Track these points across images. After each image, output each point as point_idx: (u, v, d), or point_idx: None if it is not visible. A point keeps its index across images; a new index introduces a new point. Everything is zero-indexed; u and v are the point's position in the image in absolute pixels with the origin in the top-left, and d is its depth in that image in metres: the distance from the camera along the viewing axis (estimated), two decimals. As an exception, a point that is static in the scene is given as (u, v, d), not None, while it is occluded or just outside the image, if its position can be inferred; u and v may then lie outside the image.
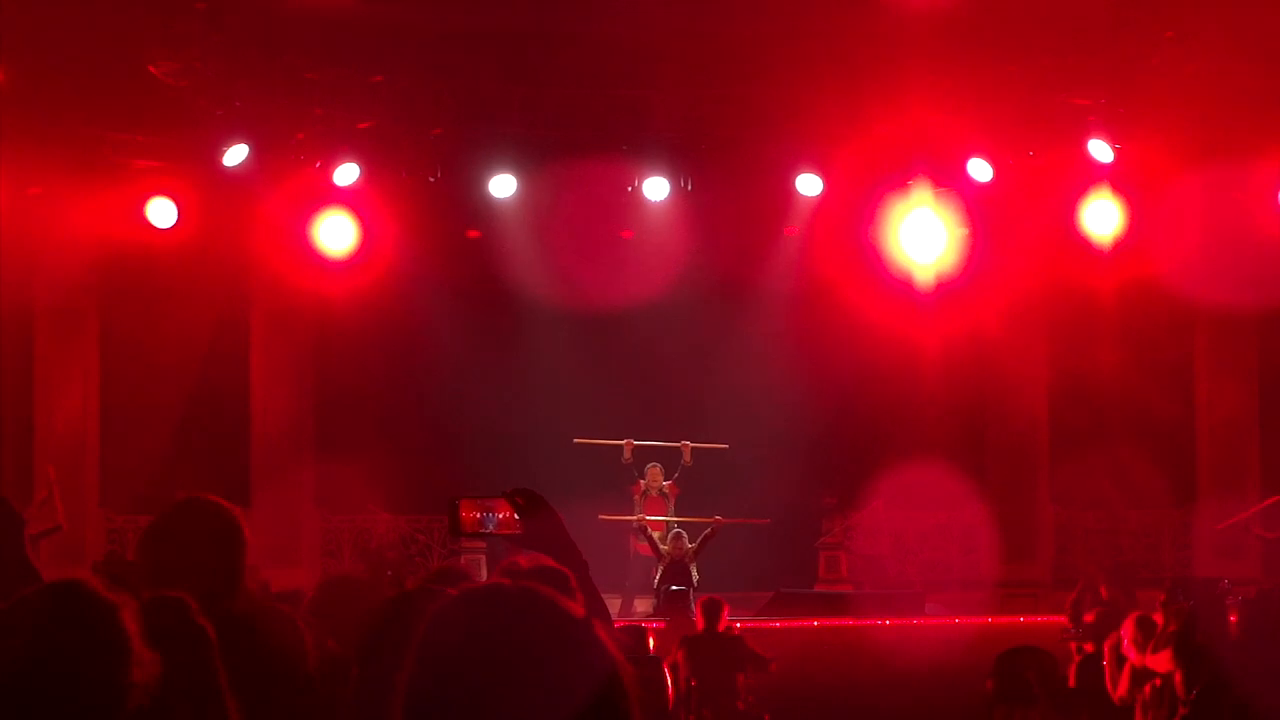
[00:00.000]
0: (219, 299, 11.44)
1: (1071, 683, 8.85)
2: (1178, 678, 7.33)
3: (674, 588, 10.41)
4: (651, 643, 8.32)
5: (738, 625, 9.01)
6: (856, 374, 13.05)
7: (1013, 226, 12.64)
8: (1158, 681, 7.62)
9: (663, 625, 9.78)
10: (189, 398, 11.23)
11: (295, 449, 11.46)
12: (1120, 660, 7.92)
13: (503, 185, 11.60)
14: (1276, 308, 12.18)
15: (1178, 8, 10.59)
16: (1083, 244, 12.29)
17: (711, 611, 8.51)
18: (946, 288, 12.64)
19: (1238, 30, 10.71)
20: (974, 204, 12.40)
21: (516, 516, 2.88)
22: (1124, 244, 12.15)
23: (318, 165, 11.49)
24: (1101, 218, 12.13)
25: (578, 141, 11.55)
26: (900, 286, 12.65)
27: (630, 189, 12.08)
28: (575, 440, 11.01)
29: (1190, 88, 11.13)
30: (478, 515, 2.94)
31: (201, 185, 11.39)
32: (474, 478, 11.01)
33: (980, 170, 11.97)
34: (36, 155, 10.71)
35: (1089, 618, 9.08)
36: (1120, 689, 7.86)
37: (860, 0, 10.49)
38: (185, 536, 3.11)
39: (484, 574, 7.50)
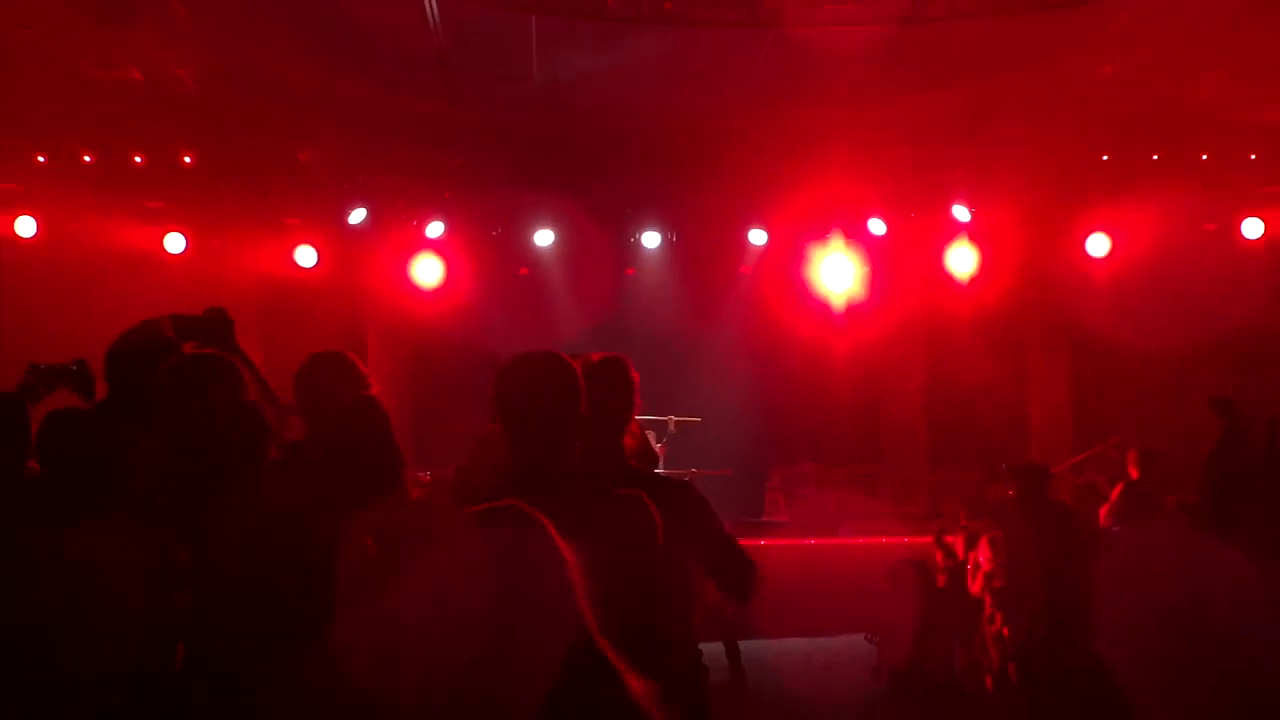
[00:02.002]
0: (345, 322, 12.41)
1: (941, 584, 10.18)
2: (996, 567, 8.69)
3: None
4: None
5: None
6: (792, 371, 14.21)
7: (900, 268, 13.89)
8: (997, 583, 8.76)
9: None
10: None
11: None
12: (977, 568, 9.21)
13: (544, 236, 13.10)
14: (1085, 330, 13.63)
15: (1020, 108, 12.12)
16: (949, 281, 13.67)
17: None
18: (854, 311, 13.89)
19: (1064, 119, 12.32)
20: (873, 251, 13.69)
21: None
22: (978, 280, 13.54)
23: (415, 223, 12.96)
24: (962, 261, 13.55)
25: (597, 207, 13.02)
26: (821, 310, 13.89)
27: (633, 239, 13.52)
28: None
29: (1028, 163, 12.72)
30: None
31: (334, 237, 12.88)
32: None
33: (877, 226, 13.43)
34: (217, 215, 12.46)
35: (951, 539, 10.27)
36: (975, 587, 9.25)
37: (795, 108, 12.02)
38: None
39: None
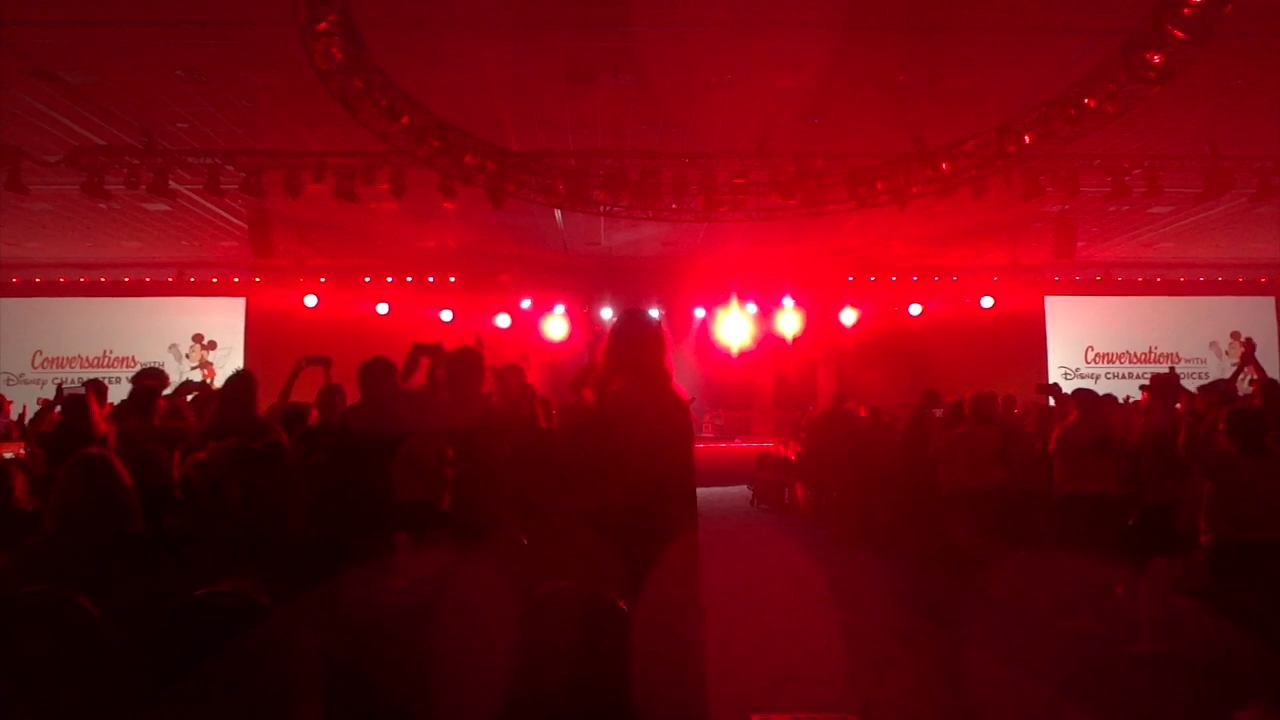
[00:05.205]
0: (519, 352, 17.61)
1: (778, 461, 15.98)
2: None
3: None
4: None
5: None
6: (710, 381, 21.35)
7: (762, 328, 20.81)
8: (805, 462, 14.27)
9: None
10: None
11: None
12: (793, 453, 15.09)
13: (607, 312, 21.12)
14: (842, 352, 20.86)
15: (810, 257, 18.63)
16: (781, 337, 20.88)
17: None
18: (744, 354, 20.40)
19: (831, 261, 19.37)
20: (755, 318, 20.56)
21: None
22: (798, 335, 20.85)
23: (550, 305, 21.74)
24: (789, 324, 20.79)
25: (630, 298, 20.47)
26: (724, 353, 20.40)
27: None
28: None
29: (815, 278, 20.06)
30: None
31: (515, 312, 21.13)
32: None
33: (751, 308, 20.73)
34: (466, 304, 21.41)
35: (780, 443, 16.45)
36: (792, 458, 15.06)
37: (716, 250, 18.52)
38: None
39: None
